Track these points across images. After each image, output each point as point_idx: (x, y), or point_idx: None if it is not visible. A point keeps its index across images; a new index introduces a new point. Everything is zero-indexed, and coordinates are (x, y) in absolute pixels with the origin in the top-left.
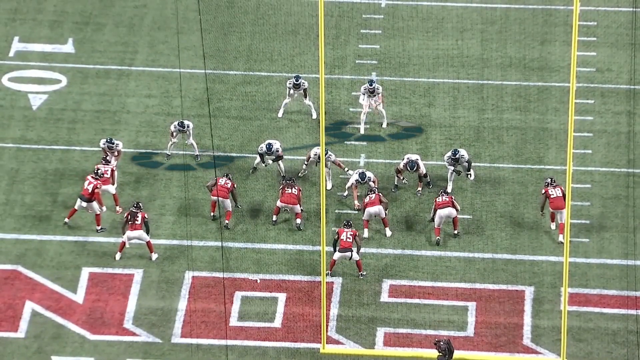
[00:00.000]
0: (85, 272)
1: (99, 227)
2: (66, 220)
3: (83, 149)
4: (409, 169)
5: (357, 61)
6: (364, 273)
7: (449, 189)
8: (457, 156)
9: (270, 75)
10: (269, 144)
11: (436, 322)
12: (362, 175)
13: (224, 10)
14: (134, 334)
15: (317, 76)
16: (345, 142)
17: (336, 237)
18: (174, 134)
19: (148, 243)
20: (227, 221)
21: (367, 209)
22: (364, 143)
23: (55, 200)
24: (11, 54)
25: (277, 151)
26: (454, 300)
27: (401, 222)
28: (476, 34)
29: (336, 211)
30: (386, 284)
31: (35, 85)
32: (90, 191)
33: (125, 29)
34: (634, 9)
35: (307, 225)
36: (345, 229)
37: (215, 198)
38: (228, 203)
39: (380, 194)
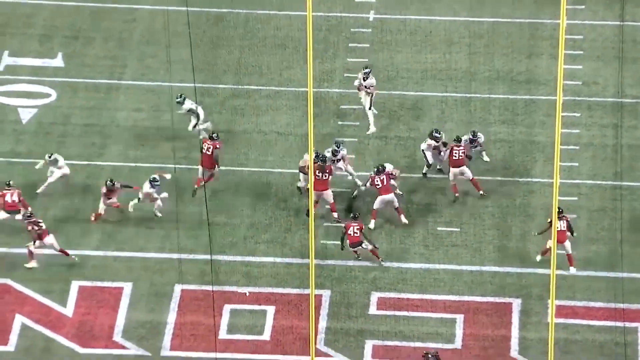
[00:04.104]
0: (75, 285)
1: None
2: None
3: (72, 162)
4: (436, 134)
5: (345, 75)
6: (383, 261)
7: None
8: (476, 137)
9: (259, 89)
10: (317, 152)
11: (424, 335)
12: (380, 167)
13: (213, 25)
14: (123, 347)
15: (305, 90)
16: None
17: (343, 231)
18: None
19: (62, 250)
20: (204, 183)
21: (379, 197)
22: (352, 156)
23: (45, 214)
24: (1, 68)
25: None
26: (442, 312)
27: (389, 234)
28: (463, 47)
29: (324, 224)
30: (374, 297)
31: (24, 99)
32: (17, 201)
33: (114, 43)
34: (621, 23)
35: (295, 238)
36: (352, 223)
37: (201, 170)
38: (214, 171)
39: (390, 174)
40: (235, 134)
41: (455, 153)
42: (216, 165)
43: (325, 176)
